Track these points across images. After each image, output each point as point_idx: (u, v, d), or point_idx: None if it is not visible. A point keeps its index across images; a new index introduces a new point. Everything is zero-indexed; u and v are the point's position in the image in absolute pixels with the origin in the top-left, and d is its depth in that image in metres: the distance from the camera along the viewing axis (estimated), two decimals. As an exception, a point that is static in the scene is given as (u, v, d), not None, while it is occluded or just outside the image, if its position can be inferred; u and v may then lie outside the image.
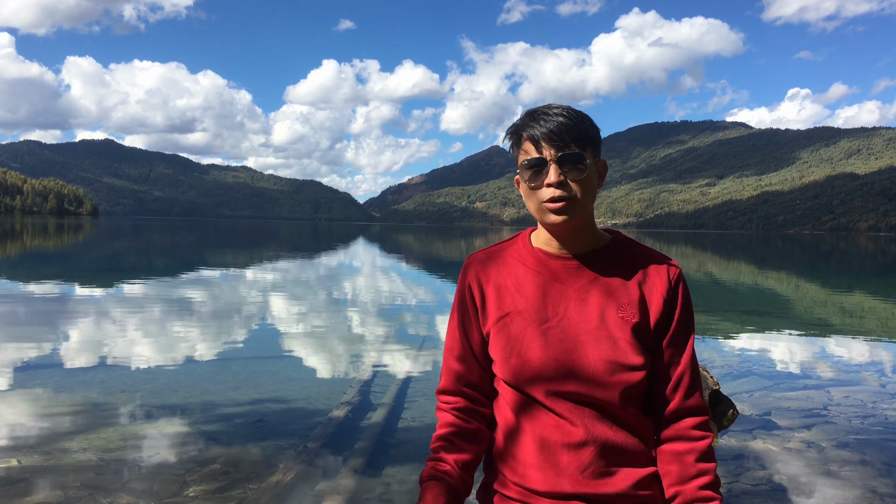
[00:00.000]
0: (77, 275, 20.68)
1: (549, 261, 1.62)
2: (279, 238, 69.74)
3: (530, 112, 1.58)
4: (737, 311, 15.22)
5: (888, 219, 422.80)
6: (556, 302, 1.58)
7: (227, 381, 7.46)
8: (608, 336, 1.54)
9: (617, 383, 1.52)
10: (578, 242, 1.61)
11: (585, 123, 1.56)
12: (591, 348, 1.53)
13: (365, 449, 5.25)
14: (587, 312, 1.56)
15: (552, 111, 1.54)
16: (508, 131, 1.63)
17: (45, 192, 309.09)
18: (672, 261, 1.65)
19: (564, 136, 1.51)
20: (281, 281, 20.72)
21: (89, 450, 5.09)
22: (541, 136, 1.52)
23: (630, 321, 1.55)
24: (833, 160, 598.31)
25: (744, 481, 4.82)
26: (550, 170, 1.51)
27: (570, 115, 1.54)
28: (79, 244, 44.54)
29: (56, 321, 11.36)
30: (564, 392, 1.54)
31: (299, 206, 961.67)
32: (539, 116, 1.55)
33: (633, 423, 1.58)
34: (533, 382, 1.55)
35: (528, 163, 1.54)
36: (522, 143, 1.57)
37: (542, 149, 1.52)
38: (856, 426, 6.23)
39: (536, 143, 1.53)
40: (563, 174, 1.51)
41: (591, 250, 1.62)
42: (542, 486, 1.56)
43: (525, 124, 1.57)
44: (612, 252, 1.63)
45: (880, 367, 9.21)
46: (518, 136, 1.59)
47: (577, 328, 1.55)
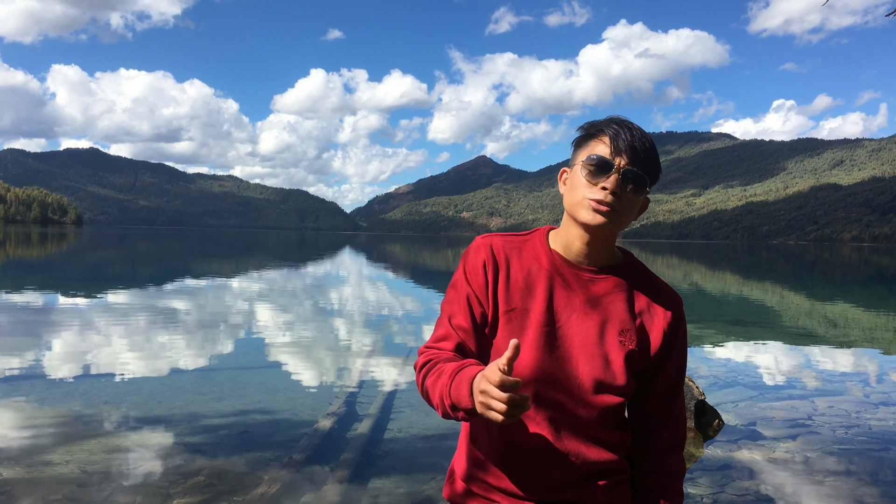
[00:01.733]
0: (60, 285, 20.50)
1: (563, 266, 1.61)
2: (265, 247, 69.48)
3: (617, 119, 1.58)
4: (722, 322, 15.29)
5: (871, 229, 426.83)
6: (560, 308, 1.58)
7: (211, 392, 7.41)
8: (602, 355, 1.54)
9: (599, 402, 1.54)
10: (597, 255, 1.61)
11: (657, 158, 1.59)
12: (584, 363, 1.53)
13: (351, 460, 5.22)
14: (588, 327, 1.56)
15: (637, 129, 1.56)
16: (586, 124, 1.62)
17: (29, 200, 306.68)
18: (678, 295, 1.67)
19: (640, 156, 1.53)
20: (266, 291, 20.63)
21: (72, 462, 5.04)
22: (622, 143, 1.53)
23: (627, 346, 1.56)
24: (817, 171, 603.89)
25: (729, 491, 4.83)
26: (613, 177, 1.51)
27: (650, 142, 1.56)
28: (62, 254, 44.18)
29: (39, 332, 11.25)
30: (547, 399, 1.54)
31: (286, 216, 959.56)
32: (625, 126, 1.55)
33: (609, 438, 1.59)
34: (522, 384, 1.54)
35: (598, 159, 1.53)
36: (599, 138, 1.56)
37: (616, 155, 1.53)
38: (840, 436, 6.27)
39: (615, 146, 1.53)
40: (621, 186, 1.52)
41: (605, 266, 1.63)
42: (524, 491, 1.57)
43: (609, 126, 1.57)
44: (625, 273, 1.64)
45: (864, 377, 9.27)
46: (597, 131, 1.58)
47: (575, 340, 1.55)
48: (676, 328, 1.62)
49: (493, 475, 1.62)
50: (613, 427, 1.59)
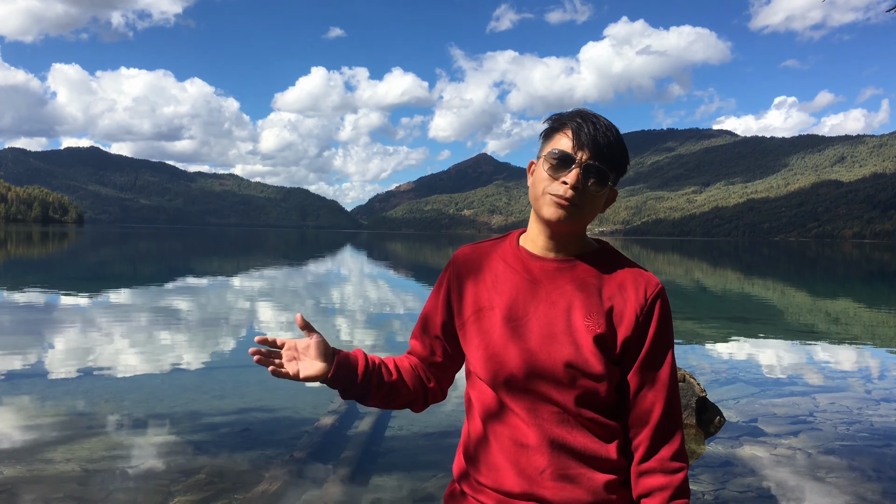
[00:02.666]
0: (61, 283, 20.51)
1: (529, 261, 1.62)
2: (266, 246, 69.49)
3: (581, 112, 1.58)
4: (723, 318, 15.28)
5: (872, 226, 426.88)
6: (527, 301, 1.58)
7: (212, 390, 7.41)
8: (572, 341, 1.53)
9: (577, 388, 1.52)
10: (563, 247, 1.61)
11: (624, 151, 1.57)
12: (555, 351, 1.52)
13: (352, 458, 5.22)
14: (555, 315, 1.56)
15: (601, 122, 1.55)
16: (552, 117, 1.62)
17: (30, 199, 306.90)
18: (653, 277, 1.62)
19: (602, 150, 1.52)
20: (267, 289, 20.63)
21: (73, 460, 5.04)
22: (583, 137, 1.52)
23: (594, 330, 1.53)
24: (818, 168, 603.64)
25: (731, 488, 4.83)
26: (573, 172, 1.51)
27: (617, 137, 1.56)
28: (64, 253, 44.21)
29: (40, 330, 11.25)
30: (525, 389, 1.54)
31: (286, 214, 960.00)
32: (589, 119, 1.55)
33: (594, 428, 1.56)
34: (496, 378, 1.56)
35: (558, 153, 1.53)
36: (563, 131, 1.56)
37: (578, 149, 1.52)
38: (842, 432, 6.26)
39: (577, 140, 1.53)
40: (582, 180, 1.51)
41: (573, 256, 1.62)
42: (517, 489, 1.56)
43: (573, 119, 1.56)
44: (594, 260, 1.62)
45: (865, 373, 9.26)
46: (561, 125, 1.58)
47: (543, 329, 1.55)
48: (650, 309, 1.56)
49: (480, 473, 1.62)
50: (600, 415, 1.56)
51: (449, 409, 6.78)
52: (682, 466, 1.56)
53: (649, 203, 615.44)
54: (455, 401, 7.08)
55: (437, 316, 1.72)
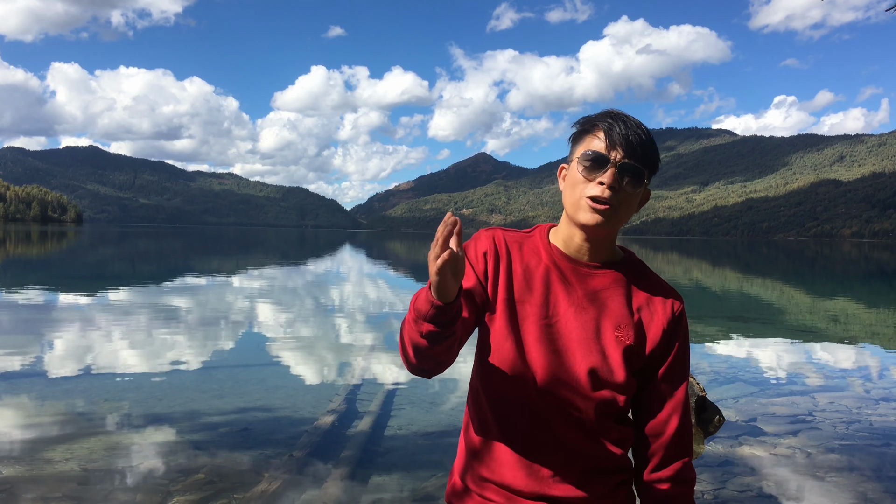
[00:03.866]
0: (60, 283, 20.51)
1: (562, 261, 1.61)
2: (265, 245, 69.48)
3: (611, 112, 1.57)
4: (722, 318, 15.29)
5: (871, 225, 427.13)
6: (557, 302, 1.57)
7: (212, 390, 7.40)
8: (600, 350, 1.53)
9: (598, 396, 1.52)
10: (596, 252, 1.60)
11: (655, 149, 1.56)
12: (581, 357, 1.52)
13: (352, 457, 5.22)
14: (585, 321, 1.55)
15: (631, 120, 1.54)
16: (581, 120, 1.61)
17: (29, 199, 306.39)
18: (677, 293, 1.64)
19: (637, 149, 1.51)
20: (267, 288, 20.62)
21: (72, 459, 5.03)
22: (616, 136, 1.51)
23: (624, 342, 1.54)
24: (817, 167, 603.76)
25: (730, 487, 4.83)
26: (609, 172, 1.50)
27: (648, 135, 1.55)
28: (62, 252, 44.18)
29: (39, 329, 11.24)
30: (546, 392, 1.53)
31: (286, 213, 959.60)
32: (620, 119, 1.54)
33: (609, 433, 1.57)
34: (518, 374, 1.54)
35: (593, 154, 1.52)
36: (594, 133, 1.55)
37: (612, 149, 1.51)
38: (841, 432, 6.26)
39: (610, 140, 1.51)
40: (618, 180, 1.50)
41: (604, 262, 1.62)
42: (524, 487, 1.56)
43: (604, 119, 1.55)
44: (624, 270, 1.63)
45: (865, 372, 9.27)
46: (591, 126, 1.56)
47: (573, 334, 1.54)
48: (676, 326, 1.59)
49: (487, 468, 1.61)
50: (614, 422, 1.57)
51: (448, 409, 6.78)
52: (694, 479, 1.60)
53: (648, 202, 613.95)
54: (454, 400, 7.08)
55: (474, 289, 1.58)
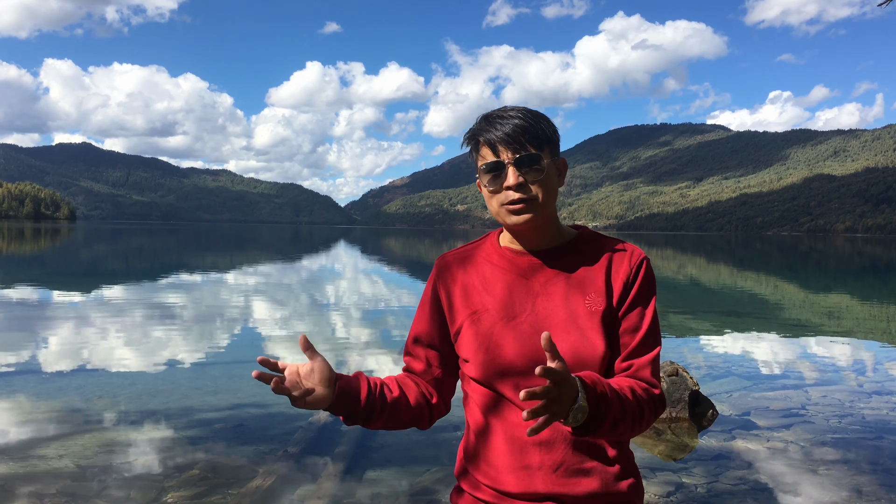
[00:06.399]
0: (53, 280, 20.45)
1: (514, 258, 1.63)
2: (259, 242, 69.38)
3: (486, 116, 1.59)
4: (716, 312, 15.33)
5: (865, 220, 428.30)
6: (523, 298, 1.59)
7: (206, 386, 7.40)
8: (576, 328, 1.54)
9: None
10: (543, 240, 1.62)
11: (541, 123, 1.56)
12: (560, 341, 1.52)
13: (346, 453, 5.22)
14: (554, 306, 1.56)
15: (507, 114, 1.55)
16: (466, 136, 1.63)
17: (22, 196, 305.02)
18: (637, 248, 1.64)
19: (520, 138, 1.52)
20: (261, 284, 20.60)
21: (66, 456, 5.03)
22: (497, 140, 1.53)
23: (597, 309, 1.55)
24: (811, 162, 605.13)
25: (724, 481, 4.85)
26: (508, 172, 1.52)
27: (525, 116, 1.55)
28: (56, 249, 44.03)
29: (32, 327, 11.21)
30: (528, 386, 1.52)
31: (280, 210, 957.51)
32: (494, 120, 1.55)
33: None
34: (503, 378, 1.55)
35: (487, 167, 1.54)
36: (480, 147, 1.58)
37: (500, 152, 1.53)
38: (834, 425, 6.29)
39: (493, 146, 1.54)
40: (521, 176, 1.52)
41: (555, 246, 1.63)
42: (515, 488, 1.55)
43: (481, 128, 1.57)
44: (577, 245, 1.64)
45: (857, 366, 9.31)
46: (476, 141, 1.59)
47: (546, 322, 1.55)
48: (636, 273, 1.58)
49: (479, 471, 1.61)
50: None
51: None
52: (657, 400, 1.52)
53: (642, 198, 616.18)
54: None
55: (430, 327, 1.69)
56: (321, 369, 1.51)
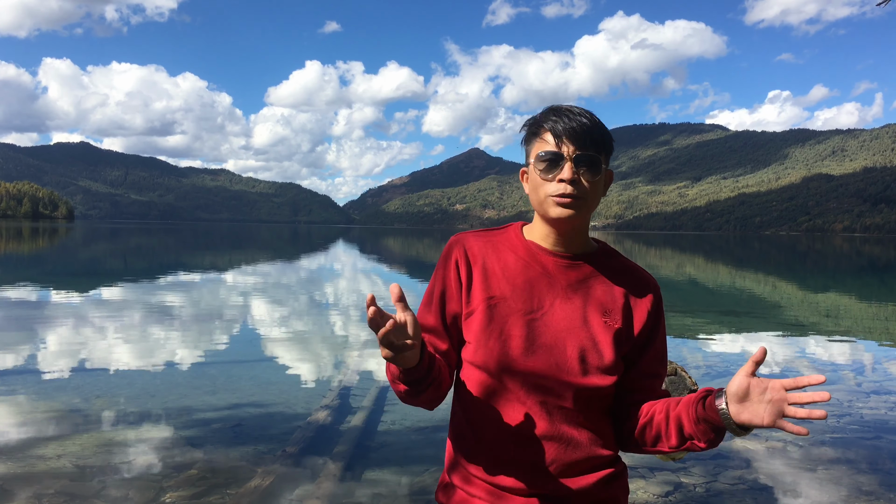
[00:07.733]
0: (52, 280, 20.42)
1: (540, 254, 1.63)
2: (258, 241, 69.35)
3: (553, 108, 1.60)
4: (715, 312, 15.34)
5: (863, 219, 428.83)
6: (542, 295, 1.59)
7: (204, 386, 7.39)
8: (590, 337, 1.55)
9: (588, 384, 1.54)
10: (572, 243, 1.63)
11: (605, 130, 1.58)
12: (571, 346, 1.54)
13: (345, 453, 5.22)
14: (572, 311, 1.58)
15: (575, 111, 1.57)
16: (528, 122, 1.64)
17: (20, 195, 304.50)
18: (651, 276, 1.69)
19: (585, 137, 1.53)
20: (260, 284, 20.59)
21: (65, 456, 5.02)
22: (563, 132, 1.53)
23: (613, 327, 1.57)
24: (809, 162, 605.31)
25: (722, 480, 4.85)
26: (566, 166, 1.53)
27: (592, 118, 1.56)
28: (54, 248, 43.99)
29: (31, 327, 11.20)
30: (537, 385, 1.54)
31: (278, 209, 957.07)
32: (563, 113, 1.56)
33: (598, 422, 1.60)
34: (507, 370, 1.55)
35: (546, 154, 1.54)
36: (541, 135, 1.58)
37: (562, 144, 1.54)
38: (832, 425, 6.29)
39: (558, 137, 1.54)
40: (576, 172, 1.53)
41: (581, 253, 1.64)
42: (508, 482, 1.56)
43: (547, 118, 1.58)
44: (601, 258, 1.66)
45: (856, 366, 9.32)
46: (538, 128, 1.59)
47: (561, 325, 1.56)
48: (657, 308, 1.64)
49: (472, 465, 1.61)
50: (600, 409, 1.60)
51: (441, 404, 6.77)
52: None
53: (641, 197, 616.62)
54: (448, 395, 7.08)
55: (449, 302, 1.63)
56: (414, 324, 1.41)
